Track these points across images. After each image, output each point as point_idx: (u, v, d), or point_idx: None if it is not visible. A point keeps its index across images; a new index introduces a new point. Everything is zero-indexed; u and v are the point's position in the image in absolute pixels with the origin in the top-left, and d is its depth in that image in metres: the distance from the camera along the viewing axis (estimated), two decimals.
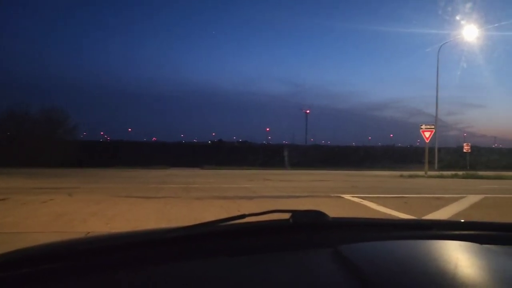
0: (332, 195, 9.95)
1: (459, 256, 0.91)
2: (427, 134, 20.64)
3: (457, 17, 32.19)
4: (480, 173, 21.07)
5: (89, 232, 5.03)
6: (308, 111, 47.13)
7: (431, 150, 23.45)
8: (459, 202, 8.85)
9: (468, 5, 27.20)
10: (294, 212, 1.08)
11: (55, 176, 15.84)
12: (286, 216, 1.07)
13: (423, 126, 20.77)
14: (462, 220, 1.30)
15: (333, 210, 7.17)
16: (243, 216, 1.07)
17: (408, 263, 0.86)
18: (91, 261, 0.87)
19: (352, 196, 9.46)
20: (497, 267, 0.84)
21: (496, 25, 35.06)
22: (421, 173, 20.70)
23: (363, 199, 9.00)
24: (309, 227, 1.09)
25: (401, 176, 19.56)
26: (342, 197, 9.45)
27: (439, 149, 26.77)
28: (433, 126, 21.14)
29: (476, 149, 35.49)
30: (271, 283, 0.80)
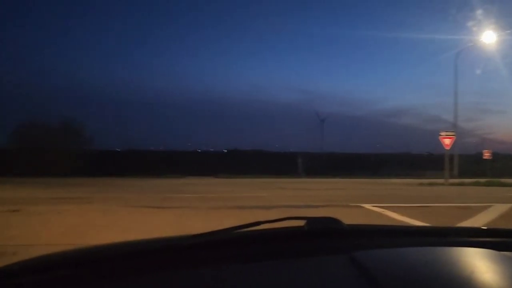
0: (351, 204, 9.63)
1: (475, 263, 0.90)
2: (447, 141, 20.08)
3: (474, 22, 31.55)
4: (503, 180, 20.43)
5: None
6: (323, 119, 46.59)
7: (450, 157, 22.87)
8: (486, 211, 8.45)
9: (485, 9, 26.60)
10: (309, 219, 1.08)
11: (70, 185, 15.83)
12: (301, 223, 1.07)
13: (443, 133, 20.23)
14: (480, 227, 1.26)
15: (354, 221, 6.87)
16: (258, 223, 1.07)
17: (424, 270, 0.84)
18: (107, 268, 0.88)
19: (373, 206, 9.12)
20: None
21: None
22: (441, 180, 20.16)
23: (384, 208, 8.66)
24: (324, 234, 1.08)
25: (421, 184, 19.09)
26: (362, 207, 9.12)
27: (458, 156, 26.12)
28: (453, 133, 20.57)
29: (496, 156, 34.60)
30: None
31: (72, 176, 21.63)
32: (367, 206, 9.21)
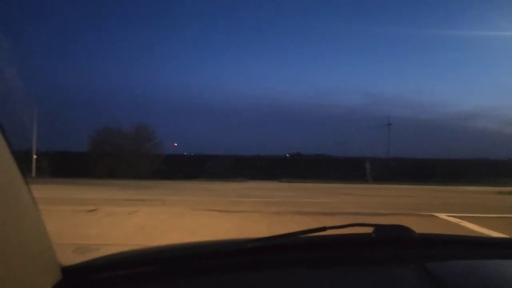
0: (423, 213, 9.06)
1: None
2: None
3: None
4: None
5: None
6: (390, 123, 44.65)
7: None
8: None
9: None
10: (377, 226, 1.04)
11: (141, 188, 16.72)
12: (368, 230, 1.03)
13: None
14: None
15: (427, 232, 6.43)
16: (323, 228, 1.05)
17: (501, 284, 0.79)
18: (176, 267, 0.92)
19: (448, 215, 8.50)
20: None
21: None
22: None
23: (461, 219, 8.02)
24: (393, 242, 1.03)
25: (500, 192, 17.53)
26: (436, 216, 8.53)
27: None
28: None
29: None
30: None
31: (144, 179, 22.84)
32: (441, 215, 8.60)
